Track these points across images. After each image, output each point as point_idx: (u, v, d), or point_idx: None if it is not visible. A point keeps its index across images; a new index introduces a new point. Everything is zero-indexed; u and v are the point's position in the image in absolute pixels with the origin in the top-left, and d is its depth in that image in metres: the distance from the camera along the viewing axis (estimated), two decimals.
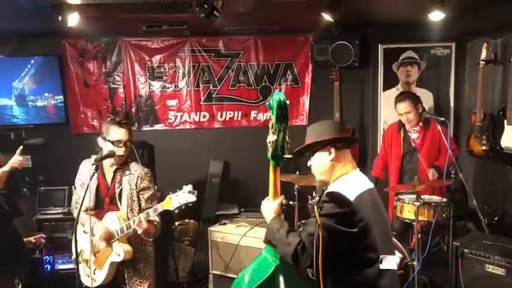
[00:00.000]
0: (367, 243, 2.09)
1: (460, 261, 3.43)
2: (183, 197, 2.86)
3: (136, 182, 3.05)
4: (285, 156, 2.15)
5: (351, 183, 2.19)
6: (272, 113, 2.05)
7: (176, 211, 2.91)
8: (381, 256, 2.09)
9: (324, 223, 1.99)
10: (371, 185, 2.28)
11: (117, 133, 2.98)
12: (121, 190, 3.04)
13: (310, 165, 2.34)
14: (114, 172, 3.07)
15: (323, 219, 2.00)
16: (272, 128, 2.07)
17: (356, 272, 2.11)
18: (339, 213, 2.05)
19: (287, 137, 2.11)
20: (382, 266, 2.09)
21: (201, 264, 4.90)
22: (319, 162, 2.28)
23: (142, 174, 3.08)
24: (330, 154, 2.24)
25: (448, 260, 3.80)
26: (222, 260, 4.61)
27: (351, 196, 2.09)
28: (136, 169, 3.10)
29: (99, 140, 3.04)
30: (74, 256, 3.18)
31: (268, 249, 2.32)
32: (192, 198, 2.86)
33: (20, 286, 3.17)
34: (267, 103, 2.10)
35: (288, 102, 2.05)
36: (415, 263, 3.68)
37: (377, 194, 2.31)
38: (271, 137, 2.09)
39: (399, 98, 4.38)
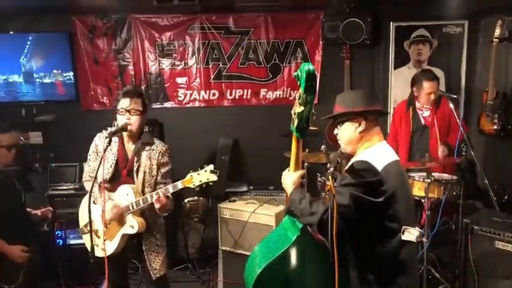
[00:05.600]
0: (390, 213, 2.08)
1: (469, 238, 3.43)
2: (204, 175, 2.89)
3: (158, 157, 3.09)
4: (310, 128, 2.11)
5: (379, 153, 2.17)
6: (300, 84, 2.00)
7: (197, 189, 2.94)
8: (404, 227, 2.08)
9: (351, 192, 2.00)
10: (397, 157, 2.26)
11: (120, 102, 3.03)
12: (139, 165, 3.06)
13: (337, 134, 2.33)
14: (138, 146, 3.09)
15: (350, 188, 2.01)
16: (299, 99, 2.02)
17: (378, 242, 2.11)
18: (367, 182, 2.04)
19: (313, 109, 2.06)
20: (404, 237, 2.07)
21: (210, 240, 4.95)
22: (348, 133, 2.26)
23: (164, 150, 3.13)
24: (359, 126, 2.22)
25: (456, 238, 3.81)
26: (231, 237, 4.65)
27: (379, 166, 2.07)
28: (157, 145, 3.14)
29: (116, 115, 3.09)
30: (81, 226, 3.24)
31: (287, 221, 2.31)
32: (214, 177, 2.90)
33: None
34: (294, 74, 2.06)
35: (317, 73, 2.00)
36: (424, 239, 3.67)
37: (402, 166, 2.30)
38: (297, 108, 2.03)
39: (430, 76, 4.23)
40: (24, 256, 3.17)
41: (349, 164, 2.19)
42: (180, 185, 2.94)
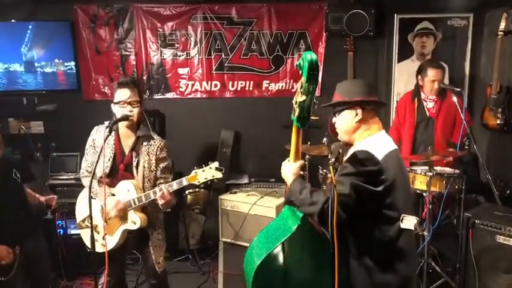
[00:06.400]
0: (389, 201, 2.09)
1: (470, 232, 3.41)
2: (209, 172, 2.88)
3: (156, 152, 3.06)
4: (311, 118, 2.08)
5: (379, 143, 2.18)
6: (302, 73, 1.98)
7: (202, 186, 2.93)
8: (402, 215, 2.08)
9: (352, 182, 2.00)
10: (395, 146, 2.26)
11: (119, 94, 2.98)
12: (138, 160, 3.03)
13: (335, 122, 2.32)
14: (135, 141, 3.05)
15: (351, 178, 2.01)
16: (301, 88, 2.00)
17: (377, 230, 2.12)
18: (367, 172, 2.04)
19: (314, 98, 2.04)
20: (402, 225, 2.08)
21: (211, 232, 4.96)
22: (345, 122, 2.26)
23: (162, 145, 3.10)
24: (356, 115, 2.22)
25: (457, 232, 3.80)
26: (232, 228, 4.65)
27: (379, 155, 2.08)
28: (155, 140, 3.11)
29: (112, 106, 3.04)
30: (78, 221, 3.21)
31: (287, 211, 2.31)
32: (219, 174, 2.89)
33: (18, 251, 3.17)
34: (296, 63, 2.04)
35: (320, 64, 1.95)
36: (425, 233, 3.68)
37: (401, 155, 2.30)
38: (299, 98, 2.01)
39: (435, 64, 4.20)
40: (9, 258, 3.10)
41: (349, 153, 2.19)
42: (184, 181, 2.92)
